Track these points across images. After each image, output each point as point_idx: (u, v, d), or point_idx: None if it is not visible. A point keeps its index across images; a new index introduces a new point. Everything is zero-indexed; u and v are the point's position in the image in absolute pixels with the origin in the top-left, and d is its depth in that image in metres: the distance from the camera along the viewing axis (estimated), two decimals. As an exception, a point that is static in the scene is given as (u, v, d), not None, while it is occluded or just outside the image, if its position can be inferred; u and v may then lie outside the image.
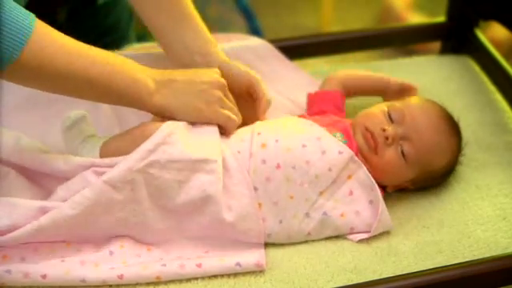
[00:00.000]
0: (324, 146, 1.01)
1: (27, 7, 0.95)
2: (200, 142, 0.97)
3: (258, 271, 0.95)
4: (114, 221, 0.94)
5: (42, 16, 1.14)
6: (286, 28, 2.59)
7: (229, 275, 0.95)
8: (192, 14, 1.08)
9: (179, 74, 1.00)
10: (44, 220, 0.90)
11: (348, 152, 1.01)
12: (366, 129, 1.05)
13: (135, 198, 0.94)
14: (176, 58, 1.08)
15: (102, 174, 0.94)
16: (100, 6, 1.25)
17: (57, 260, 0.91)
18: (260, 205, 0.99)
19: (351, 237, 1.01)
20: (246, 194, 0.97)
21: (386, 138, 1.03)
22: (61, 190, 0.95)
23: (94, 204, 0.91)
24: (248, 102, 1.09)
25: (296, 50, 1.32)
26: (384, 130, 1.04)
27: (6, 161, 0.98)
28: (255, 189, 0.98)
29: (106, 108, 1.13)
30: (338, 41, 1.39)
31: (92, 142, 1.01)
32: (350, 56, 1.45)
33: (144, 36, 1.47)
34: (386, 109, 1.07)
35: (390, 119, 1.06)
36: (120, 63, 0.95)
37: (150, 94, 0.96)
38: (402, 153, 1.04)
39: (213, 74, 1.02)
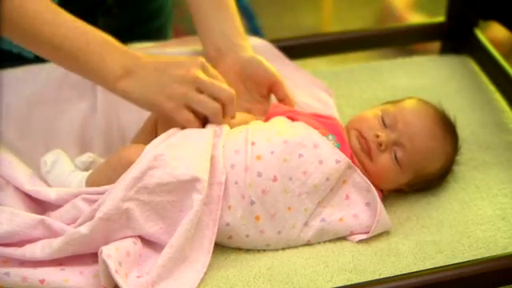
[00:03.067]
0: (321, 155, 0.99)
1: None
2: (190, 158, 0.96)
3: (257, 273, 0.96)
4: (112, 242, 0.93)
5: None
6: (286, 28, 2.59)
7: (228, 275, 0.95)
8: (230, 2, 1.14)
9: (153, 62, 0.99)
10: (41, 253, 0.90)
11: (345, 161, 1.00)
12: (361, 134, 1.05)
13: (132, 225, 0.93)
14: (207, 44, 1.13)
15: (91, 201, 0.94)
16: None
17: (56, 268, 0.91)
18: (258, 217, 0.98)
19: (350, 238, 1.01)
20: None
21: (380, 145, 1.03)
22: (55, 219, 0.94)
23: (91, 238, 0.91)
24: (264, 99, 1.13)
25: (296, 50, 1.32)
26: (377, 137, 1.03)
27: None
28: (252, 202, 0.97)
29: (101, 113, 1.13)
30: (337, 41, 1.39)
31: (77, 180, 1.01)
32: (350, 56, 1.45)
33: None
34: (379, 113, 1.07)
35: (384, 124, 1.05)
36: (96, 41, 0.97)
37: (115, 79, 0.97)
38: (396, 158, 1.04)
39: (189, 67, 0.99)
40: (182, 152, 0.96)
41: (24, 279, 0.90)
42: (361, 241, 1.01)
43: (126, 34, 1.27)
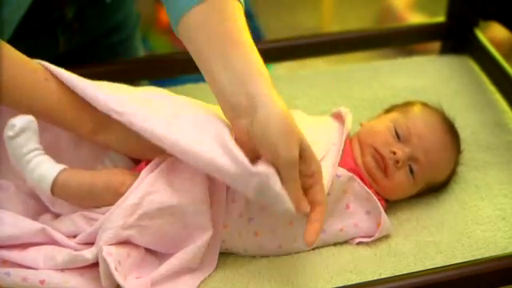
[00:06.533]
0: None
1: (35, 5, 0.95)
2: (187, 182, 0.93)
3: (256, 273, 0.95)
4: None
5: (50, 13, 1.14)
6: (286, 28, 2.59)
7: (227, 276, 0.95)
8: (241, 39, 0.90)
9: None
10: (44, 265, 0.91)
11: (346, 175, 0.99)
12: (376, 151, 1.03)
13: (135, 245, 0.93)
14: (218, 92, 0.89)
15: (90, 218, 0.93)
16: (108, 3, 1.23)
17: (57, 270, 0.91)
18: (257, 233, 0.96)
19: (351, 241, 1.01)
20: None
21: (397, 162, 1.02)
22: (53, 231, 0.94)
23: (95, 261, 0.91)
24: None
25: (296, 49, 1.32)
26: (394, 153, 1.02)
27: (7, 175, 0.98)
28: (250, 219, 0.96)
29: None
30: (338, 41, 1.39)
31: (43, 167, 0.92)
32: (349, 56, 1.45)
33: (146, 38, 1.46)
34: (391, 125, 1.05)
35: (397, 136, 1.04)
36: (67, 99, 0.93)
37: (91, 134, 0.94)
38: (411, 173, 1.03)
39: None
40: (183, 174, 0.93)
41: (24, 279, 0.90)
42: (361, 242, 1.01)
43: (89, 49, 1.26)
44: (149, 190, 0.91)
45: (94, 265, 0.91)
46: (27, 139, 0.91)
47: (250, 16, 2.19)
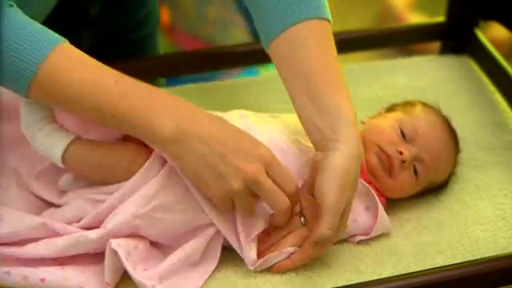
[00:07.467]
0: None
1: (59, 2, 0.95)
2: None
3: (257, 272, 0.96)
4: None
5: (74, 10, 1.14)
6: (286, 28, 2.59)
7: (228, 276, 0.95)
8: (325, 76, 0.93)
9: (215, 130, 0.87)
10: (45, 250, 0.91)
11: None
12: (382, 150, 1.02)
13: (141, 237, 0.94)
14: (301, 120, 0.94)
15: (97, 201, 0.93)
16: (132, 0, 1.23)
17: (57, 267, 0.91)
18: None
19: (350, 239, 1.01)
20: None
21: (403, 162, 1.01)
22: (58, 219, 0.94)
23: (98, 243, 0.91)
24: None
25: (296, 50, 1.32)
26: (401, 153, 1.01)
27: (7, 173, 0.98)
28: None
29: None
30: (337, 41, 1.38)
31: (56, 134, 0.90)
32: (350, 56, 1.45)
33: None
34: (396, 124, 1.04)
35: (403, 136, 1.04)
36: (143, 99, 0.86)
37: (164, 142, 0.86)
38: (415, 173, 1.03)
39: (250, 161, 0.85)
40: None
41: (25, 278, 0.90)
42: (361, 241, 1.01)
43: (111, 46, 1.25)
44: (165, 181, 0.92)
45: (96, 261, 0.92)
46: (40, 106, 0.91)
47: (250, 16, 2.19)
